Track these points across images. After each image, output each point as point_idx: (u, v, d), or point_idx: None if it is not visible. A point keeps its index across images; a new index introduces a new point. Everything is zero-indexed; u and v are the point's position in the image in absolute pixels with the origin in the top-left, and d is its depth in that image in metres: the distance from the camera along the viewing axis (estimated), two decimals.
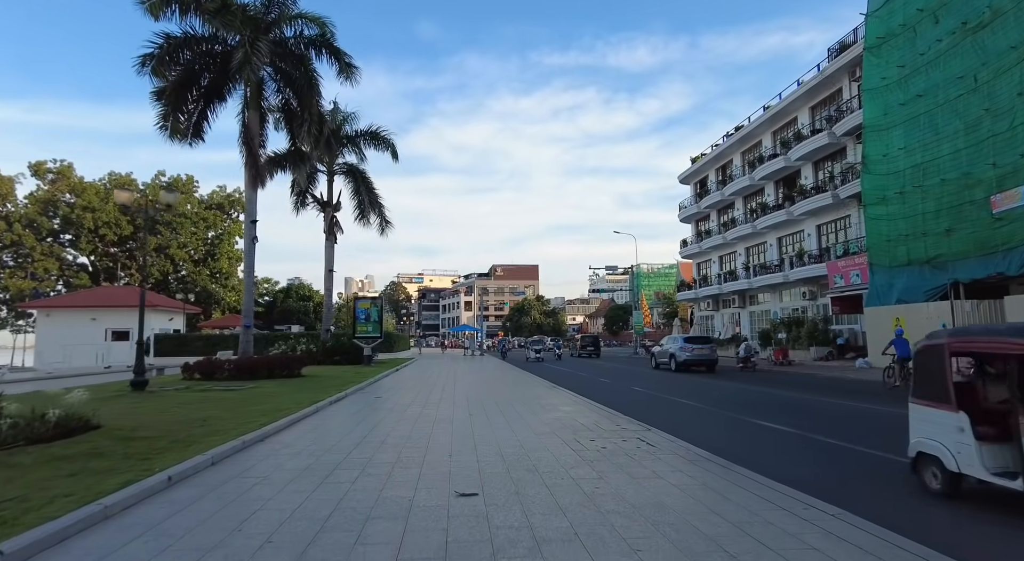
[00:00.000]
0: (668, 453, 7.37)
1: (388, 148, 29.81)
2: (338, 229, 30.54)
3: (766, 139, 37.22)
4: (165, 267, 54.48)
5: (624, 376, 23.54)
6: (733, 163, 41.26)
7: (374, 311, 27.39)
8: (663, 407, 13.49)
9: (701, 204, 44.29)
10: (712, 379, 21.29)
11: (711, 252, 44.11)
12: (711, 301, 43.82)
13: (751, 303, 39.69)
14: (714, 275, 43.29)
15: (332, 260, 30.27)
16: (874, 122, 24.37)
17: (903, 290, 22.88)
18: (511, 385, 18.24)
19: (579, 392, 15.57)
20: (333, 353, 28.09)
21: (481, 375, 22.94)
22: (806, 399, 14.43)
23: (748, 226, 37.46)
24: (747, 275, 37.86)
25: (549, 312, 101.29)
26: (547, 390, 16.40)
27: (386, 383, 19.11)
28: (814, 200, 30.76)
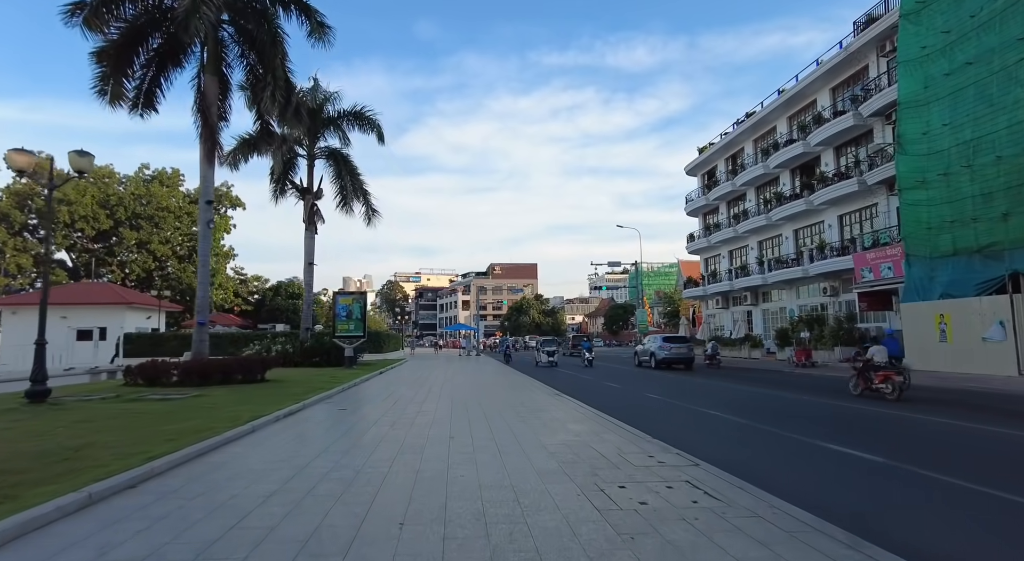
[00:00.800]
0: (744, 513, 4.67)
1: (373, 129, 27.10)
2: (319, 218, 27.82)
3: (781, 125, 34.55)
4: (147, 263, 51.69)
5: (631, 379, 20.88)
6: (744, 151, 38.58)
7: (356, 308, 24.67)
8: (692, 421, 10.79)
9: (710, 196, 41.58)
10: (729, 383, 18.59)
11: (720, 246, 41.42)
12: (720, 298, 41.14)
13: (764, 300, 37.01)
14: (724, 271, 40.61)
15: (312, 252, 27.55)
16: (911, 97, 21.72)
17: (949, 283, 20.22)
18: (507, 391, 15.52)
19: (587, 401, 12.87)
20: (312, 354, 25.37)
21: (474, 379, 20.24)
22: (855, 409, 11.73)
23: (762, 218, 34.78)
24: (761, 270, 35.16)
25: (548, 311, 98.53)
26: (550, 399, 13.68)
27: (361, 390, 16.39)
28: (836, 188, 28.09)
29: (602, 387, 17.93)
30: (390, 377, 21.08)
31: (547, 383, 18.12)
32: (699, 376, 22.15)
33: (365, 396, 14.53)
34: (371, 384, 18.05)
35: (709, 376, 22.13)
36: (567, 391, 15.54)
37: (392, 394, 14.94)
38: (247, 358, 17.11)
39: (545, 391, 15.62)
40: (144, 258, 51.36)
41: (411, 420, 10.10)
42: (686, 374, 23.31)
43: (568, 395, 14.34)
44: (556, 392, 15.14)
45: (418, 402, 13.01)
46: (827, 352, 27.12)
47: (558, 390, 15.70)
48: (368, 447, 7.61)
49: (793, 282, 33.15)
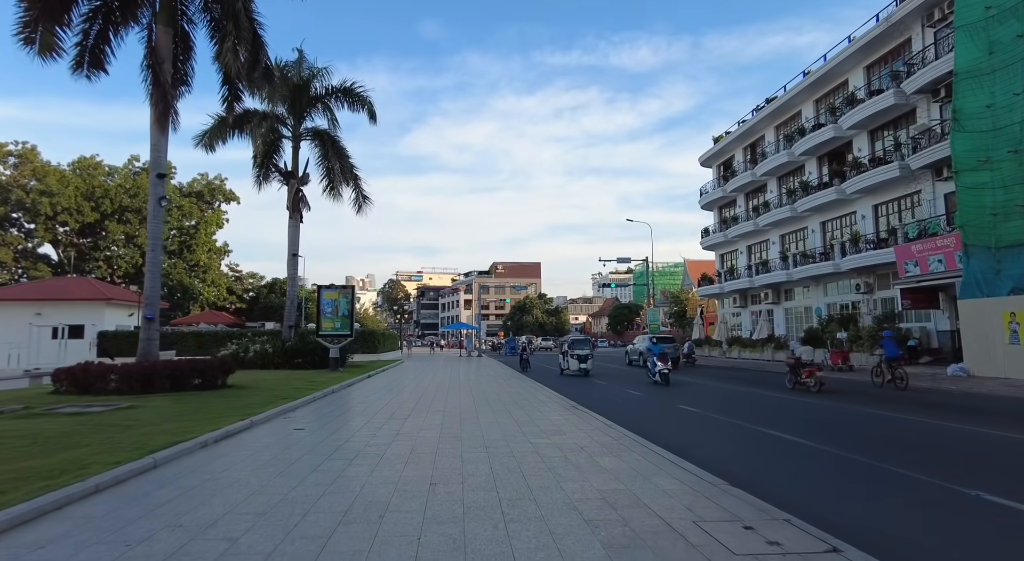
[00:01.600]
0: None
1: (364, 107, 24.40)
2: (304, 206, 25.11)
3: (807, 109, 31.75)
4: (135, 258, 49.07)
5: (653, 386, 18.14)
6: (765, 139, 35.78)
7: (343, 303, 21.96)
8: (781, 457, 8.02)
9: (727, 187, 38.77)
10: (785, 395, 15.80)
11: (738, 241, 38.61)
12: (738, 297, 38.32)
13: (787, 298, 34.21)
14: (742, 267, 37.80)
15: (297, 242, 24.85)
16: (971, 66, 18.93)
17: (1020, 277, 17.43)
18: (513, 404, 12.78)
19: (613, 418, 10.14)
20: (294, 355, 22.68)
21: (474, 386, 17.53)
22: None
23: (786, 209, 31.98)
24: (784, 266, 32.36)
25: (552, 311, 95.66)
26: (566, 416, 10.94)
27: (336, 400, 13.67)
28: (873, 174, 25.30)
29: (623, 394, 15.19)
30: (377, 382, 18.36)
31: (561, 392, 15.40)
32: (709, 378, 19.40)
33: (337, 408, 11.80)
34: (351, 392, 15.33)
35: (722, 379, 19.37)
36: (594, 408, 12.80)
37: (371, 406, 12.23)
38: (204, 360, 14.40)
39: (555, 401, 12.91)
40: (132, 253, 48.78)
41: (382, 450, 7.37)
42: (693, 377, 20.60)
43: (586, 408, 11.62)
44: (573, 404, 12.42)
45: (400, 418, 10.28)
46: (864, 354, 24.32)
47: (573, 400, 12.98)
48: (297, 509, 4.87)
49: (820, 278, 30.36)
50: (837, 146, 29.16)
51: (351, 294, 22.28)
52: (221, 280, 56.57)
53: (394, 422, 9.76)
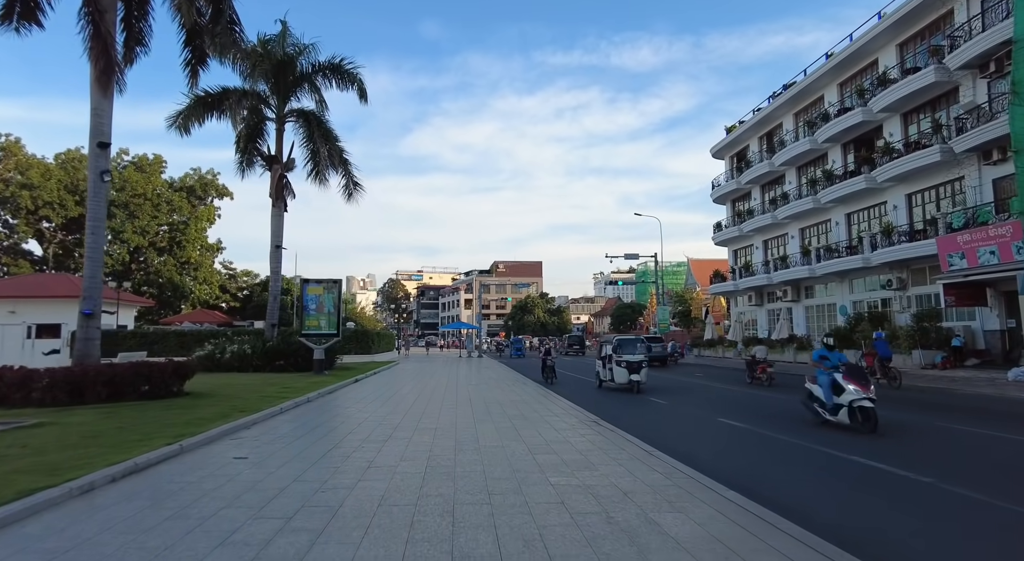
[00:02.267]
0: None
1: (353, 85, 22.13)
2: (289, 193, 22.83)
3: (830, 93, 29.45)
4: (122, 255, 46.81)
5: (677, 391, 15.86)
6: (783, 127, 33.50)
7: (328, 299, 19.68)
8: (870, 494, 5.73)
9: (741, 179, 36.46)
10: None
11: (753, 236, 36.32)
12: (754, 294, 36.02)
13: (807, 295, 31.91)
14: (758, 263, 35.50)
15: (280, 233, 22.58)
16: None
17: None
18: (520, 417, 10.51)
19: (648, 438, 7.87)
20: (275, 356, 20.40)
21: (474, 393, 15.26)
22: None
23: (807, 201, 29.69)
24: (806, 261, 30.07)
25: (553, 311, 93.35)
26: (589, 436, 8.67)
27: (306, 413, 11.37)
28: (909, 160, 23.04)
29: (636, 400, 12.93)
30: (364, 389, 16.09)
31: (573, 400, 13.11)
32: (732, 384, 17.15)
33: (304, 425, 9.51)
34: (330, 401, 13.04)
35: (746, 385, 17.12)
36: (617, 422, 10.52)
37: (347, 422, 9.96)
38: (154, 364, 12.09)
39: (571, 414, 10.63)
40: (118, 249, 46.49)
41: (339, 499, 5.09)
42: (703, 378, 18.37)
43: (609, 422, 9.35)
44: (592, 417, 10.14)
45: (378, 441, 7.99)
46: (902, 356, 22.07)
47: (591, 411, 10.70)
48: None
49: (846, 274, 28.08)
50: (865, 131, 26.87)
51: (338, 289, 19.97)
52: (213, 278, 54.29)
53: (369, 447, 7.47)
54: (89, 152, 12.72)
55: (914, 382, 17.82)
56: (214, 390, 13.57)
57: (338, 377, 18.27)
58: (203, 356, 20.57)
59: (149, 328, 34.82)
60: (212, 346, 20.87)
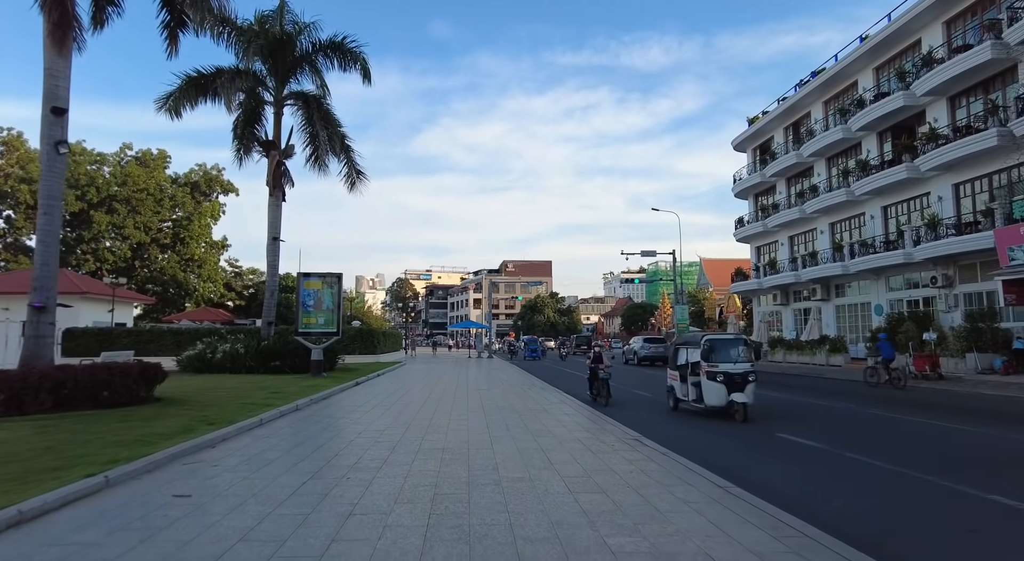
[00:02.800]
0: None
1: (356, 65, 20.46)
2: (287, 181, 21.19)
3: (865, 78, 27.42)
4: (124, 251, 45.46)
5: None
6: (811, 117, 31.47)
7: (327, 295, 17.96)
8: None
9: (766, 171, 34.44)
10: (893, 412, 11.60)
11: (778, 232, 34.28)
12: (779, 293, 33.99)
13: (838, 294, 29.87)
14: (784, 260, 33.48)
15: (278, 225, 20.93)
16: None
17: None
18: (546, 433, 8.70)
19: (713, 465, 6.04)
20: (271, 356, 18.71)
21: (487, 399, 13.47)
22: None
23: (840, 193, 27.67)
24: (838, 257, 28.04)
25: (564, 310, 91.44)
26: (638, 462, 6.85)
27: (290, 427, 9.60)
28: (959, 146, 21.02)
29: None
30: (363, 394, 14.34)
31: (596, 408, 11.29)
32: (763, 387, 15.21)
33: (281, 445, 7.72)
34: (321, 410, 11.27)
35: (785, 388, 15.16)
36: (657, 437, 8.69)
37: (334, 439, 8.20)
38: (116, 367, 10.35)
39: (604, 427, 8.82)
40: (120, 245, 45.13)
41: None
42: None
43: (657, 442, 7.52)
44: (632, 433, 8.32)
45: (369, 470, 6.18)
46: (953, 360, 20.08)
47: (631, 429, 8.87)
48: None
49: (882, 271, 26.03)
50: (905, 117, 24.81)
51: (338, 284, 18.23)
52: (218, 275, 52.86)
53: (356, 480, 5.69)
54: (42, 119, 11.11)
55: (976, 389, 15.86)
56: (192, 395, 11.88)
57: (337, 380, 16.55)
58: (193, 356, 18.95)
59: (145, 326, 33.33)
60: (203, 345, 19.22)
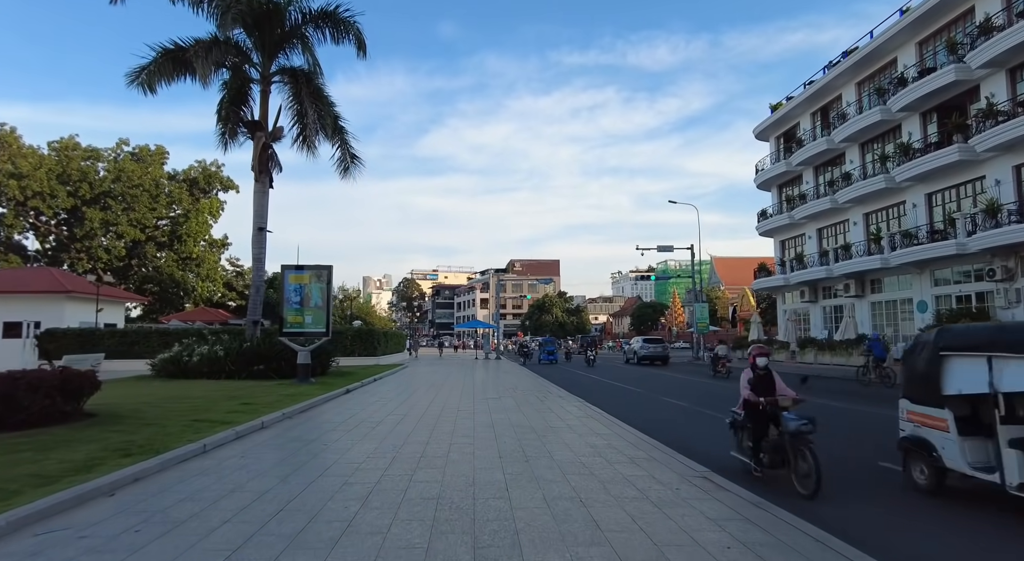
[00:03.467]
0: None
1: (349, 35, 18.25)
2: (274, 165, 19.05)
3: (905, 54, 24.97)
4: (118, 249, 43.53)
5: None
6: (842, 100, 29.04)
7: (315, 290, 15.74)
8: None
9: (792, 160, 31.99)
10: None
11: (805, 224, 31.84)
12: (807, 289, 31.54)
13: (873, 290, 27.42)
14: (813, 254, 31.04)
15: (265, 213, 18.79)
16: None
17: None
18: (579, 469, 6.45)
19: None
20: (254, 359, 16.52)
21: (496, 410, 11.22)
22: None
23: (877, 180, 25.23)
24: (876, 249, 25.61)
25: (572, 310, 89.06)
26: (724, 516, 4.53)
27: (244, 453, 7.31)
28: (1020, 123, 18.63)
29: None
30: (350, 406, 12.12)
31: (624, 418, 9.02)
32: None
33: (207, 490, 5.46)
34: (289, 430, 9.00)
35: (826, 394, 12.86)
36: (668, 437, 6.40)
37: (291, 479, 5.91)
38: (22, 379, 8.06)
39: (656, 456, 6.57)
40: (115, 243, 43.20)
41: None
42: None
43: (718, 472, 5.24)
44: (688, 463, 6.05)
45: (322, 549, 3.95)
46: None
47: (687, 456, 6.61)
48: None
49: (926, 264, 23.57)
50: (955, 95, 22.37)
51: (327, 277, 15.98)
52: (217, 274, 50.86)
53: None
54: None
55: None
56: (138, 409, 9.70)
57: (325, 387, 14.36)
58: (167, 359, 16.81)
59: (132, 327, 31.33)
60: (180, 347, 17.08)
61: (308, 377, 15.47)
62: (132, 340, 27.94)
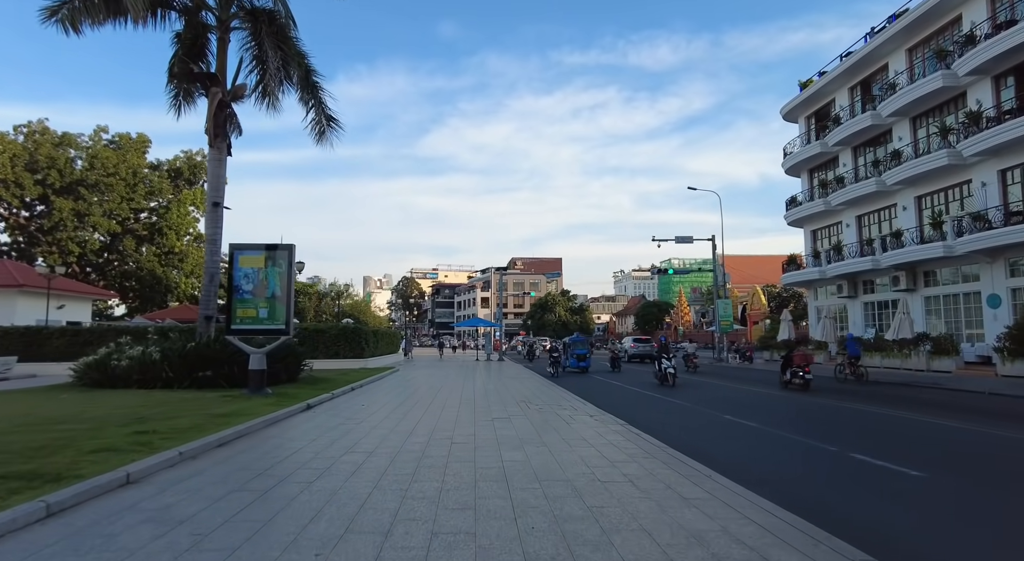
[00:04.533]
0: None
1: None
2: (233, 129, 15.56)
3: (973, 10, 21.43)
4: (91, 241, 40.01)
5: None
6: (889, 69, 25.56)
7: (273, 276, 12.10)
8: None
9: (827, 140, 28.49)
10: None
11: (843, 211, 28.34)
12: (845, 283, 28.02)
13: (927, 283, 23.95)
14: (852, 244, 27.53)
15: (221, 185, 15.30)
16: None
17: None
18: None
19: None
20: (198, 364, 12.98)
21: (505, 443, 7.71)
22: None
23: (939, 156, 21.78)
24: (938, 236, 22.13)
25: (575, 309, 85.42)
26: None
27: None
28: None
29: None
30: (297, 436, 8.60)
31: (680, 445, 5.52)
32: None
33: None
34: (162, 493, 5.46)
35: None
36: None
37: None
38: None
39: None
40: (88, 236, 39.69)
41: None
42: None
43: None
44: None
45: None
46: None
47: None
48: None
49: (1000, 252, 20.11)
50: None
51: (288, 259, 12.41)
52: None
53: None
54: None
55: None
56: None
57: (282, 400, 10.86)
58: (91, 364, 13.28)
59: (90, 325, 27.79)
60: (108, 349, 13.57)
61: (262, 386, 11.94)
62: (86, 340, 24.24)
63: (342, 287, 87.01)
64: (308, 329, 23.84)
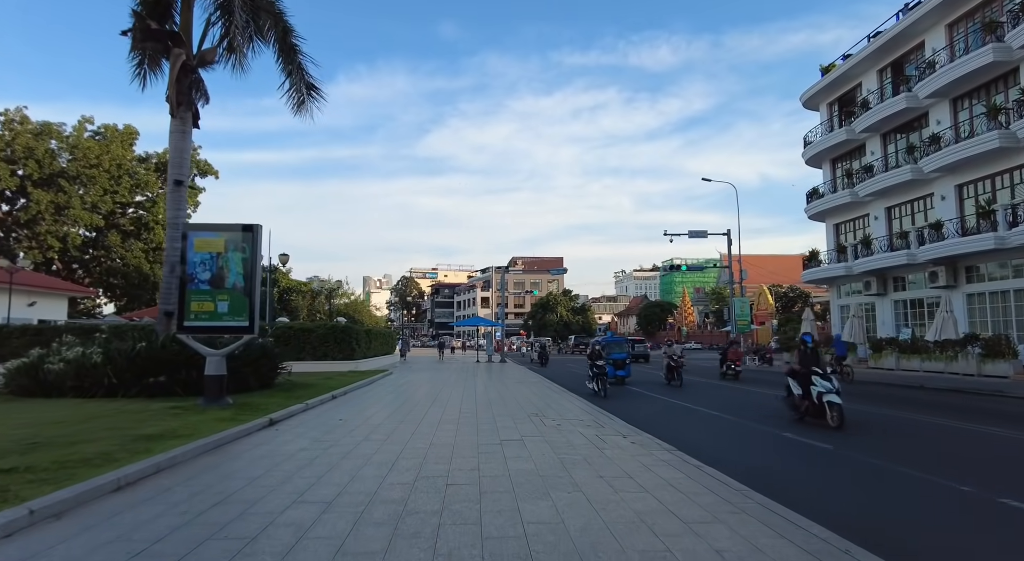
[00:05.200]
0: None
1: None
2: (200, 96, 13.43)
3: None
4: (74, 238, 37.85)
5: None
6: (926, 47, 23.44)
7: (235, 260, 9.90)
8: None
9: (855, 126, 26.31)
10: None
11: (870, 202, 26.17)
12: (874, 280, 25.86)
13: (968, 279, 21.82)
14: (881, 237, 25.40)
15: (185, 161, 13.19)
16: None
17: None
18: None
19: None
20: (149, 369, 10.85)
21: (518, 491, 5.54)
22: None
23: (989, 138, 19.61)
24: (986, 226, 20.01)
25: (577, 309, 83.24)
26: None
27: None
28: None
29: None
30: (242, 466, 6.50)
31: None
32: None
33: None
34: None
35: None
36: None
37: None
38: None
39: None
40: (70, 230, 37.51)
41: None
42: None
43: None
44: None
45: None
46: None
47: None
48: None
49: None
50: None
51: (252, 241, 10.21)
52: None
53: None
54: None
55: None
56: None
57: (243, 413, 8.75)
58: (20, 369, 11.14)
59: (55, 324, 25.63)
60: (41, 351, 11.43)
61: (221, 396, 9.80)
62: (48, 339, 22.21)
63: (334, 284, 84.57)
64: (292, 328, 21.71)
